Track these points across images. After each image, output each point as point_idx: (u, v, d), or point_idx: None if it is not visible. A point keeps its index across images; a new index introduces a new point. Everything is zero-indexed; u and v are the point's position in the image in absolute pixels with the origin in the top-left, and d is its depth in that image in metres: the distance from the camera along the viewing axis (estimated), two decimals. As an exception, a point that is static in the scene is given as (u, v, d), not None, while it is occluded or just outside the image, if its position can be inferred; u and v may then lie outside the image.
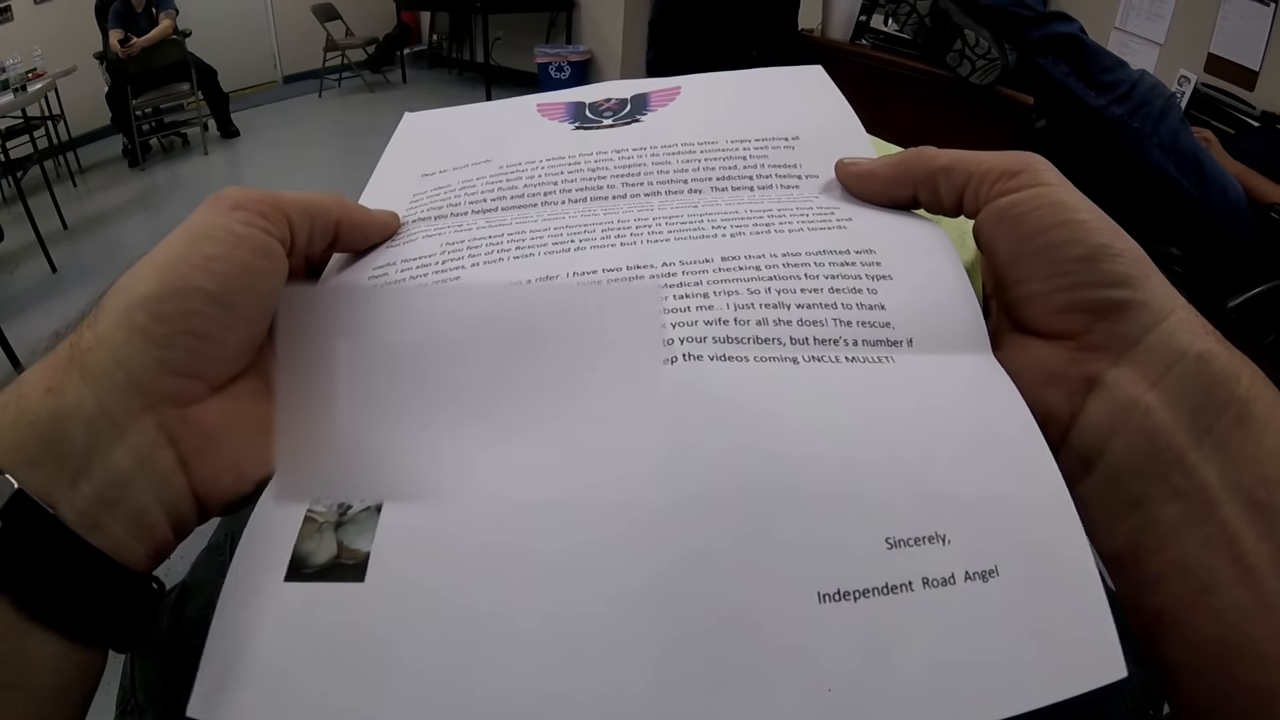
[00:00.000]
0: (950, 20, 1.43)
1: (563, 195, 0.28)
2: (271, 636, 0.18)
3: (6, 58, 3.07)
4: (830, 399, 0.20)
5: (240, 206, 0.22)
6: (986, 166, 0.23)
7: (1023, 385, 0.21)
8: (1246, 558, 0.17)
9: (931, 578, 0.17)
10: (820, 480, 0.18)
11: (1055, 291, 0.21)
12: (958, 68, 1.45)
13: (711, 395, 0.20)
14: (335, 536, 0.19)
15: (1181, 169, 1.33)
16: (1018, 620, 0.17)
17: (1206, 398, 0.19)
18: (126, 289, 0.20)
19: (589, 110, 0.33)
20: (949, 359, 0.21)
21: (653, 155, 0.29)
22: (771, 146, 0.29)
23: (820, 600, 0.17)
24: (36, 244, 2.61)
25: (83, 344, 0.19)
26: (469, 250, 0.25)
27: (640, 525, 0.18)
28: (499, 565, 0.18)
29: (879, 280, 0.22)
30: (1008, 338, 0.23)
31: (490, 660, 0.17)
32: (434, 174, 0.31)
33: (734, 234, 0.24)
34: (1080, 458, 0.20)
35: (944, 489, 0.18)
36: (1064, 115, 1.44)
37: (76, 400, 0.18)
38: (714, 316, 0.21)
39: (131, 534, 0.19)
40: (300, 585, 0.19)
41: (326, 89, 4.88)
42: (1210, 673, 0.18)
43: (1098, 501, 0.20)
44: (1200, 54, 2.03)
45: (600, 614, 0.17)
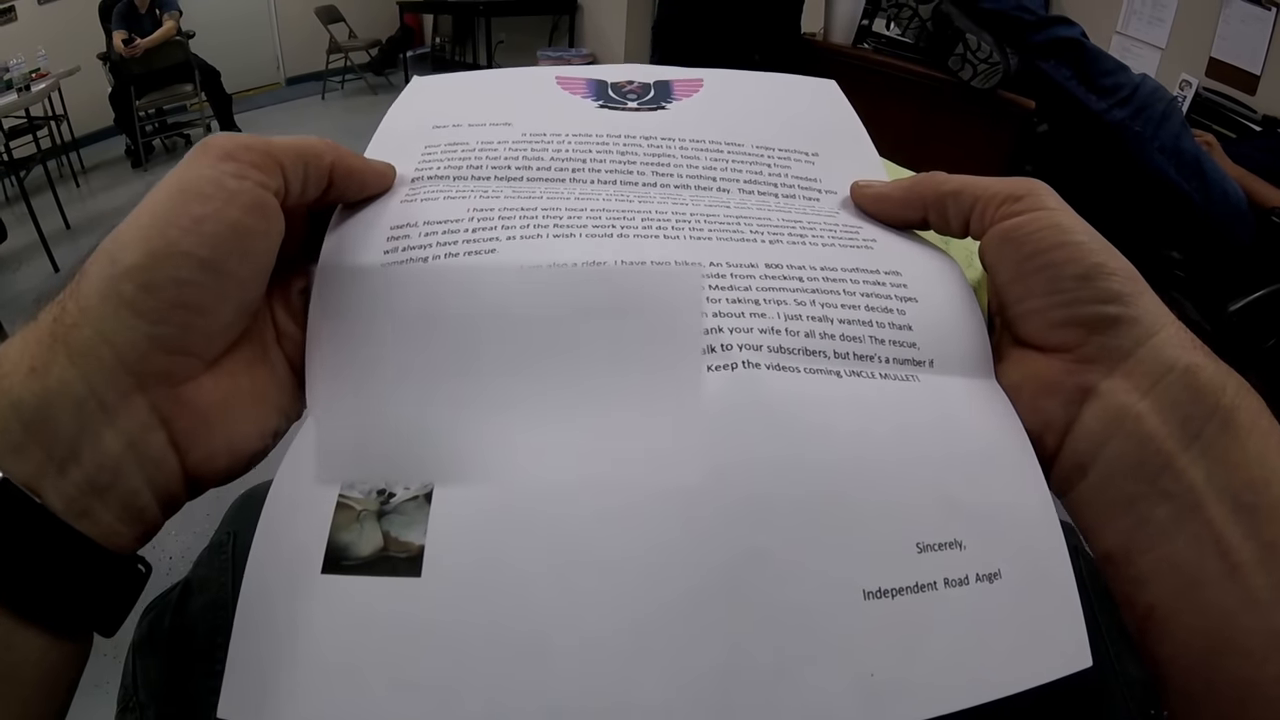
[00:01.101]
0: (952, 24, 1.43)
1: (591, 175, 0.27)
2: (315, 632, 0.18)
3: (10, 58, 3.08)
4: (869, 413, 0.21)
5: (230, 157, 0.20)
6: (991, 192, 0.24)
7: (1023, 395, 0.23)
8: (1232, 555, 0.18)
9: (951, 578, 0.19)
10: (863, 488, 0.20)
11: (1053, 307, 0.22)
12: (959, 71, 1.46)
13: (769, 404, 0.20)
14: (380, 527, 0.19)
15: (1183, 173, 1.33)
16: (1014, 616, 0.19)
17: (1194, 406, 0.20)
18: (112, 255, 0.19)
19: (612, 90, 0.32)
20: (961, 381, 0.23)
21: (681, 148, 0.29)
22: (794, 159, 0.30)
23: (865, 597, 0.19)
24: (39, 244, 2.61)
25: (67, 318, 0.18)
26: (502, 220, 0.24)
27: (701, 523, 0.19)
28: (564, 562, 0.18)
29: (906, 302, 0.24)
30: (1010, 351, 0.24)
31: (564, 660, 0.17)
32: (447, 126, 0.29)
33: (772, 240, 0.25)
34: (1076, 462, 0.21)
35: (960, 500, 0.20)
36: (1065, 119, 1.44)
37: (62, 381, 0.17)
38: (767, 325, 0.22)
39: (121, 519, 0.18)
40: (343, 579, 0.18)
41: (329, 91, 4.89)
42: (1199, 667, 0.19)
43: (1092, 503, 0.21)
44: (1202, 58, 2.03)
45: (669, 609, 0.18)
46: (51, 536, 0.17)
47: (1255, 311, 1.32)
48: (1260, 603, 0.18)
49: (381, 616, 0.18)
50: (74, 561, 0.17)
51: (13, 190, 2.93)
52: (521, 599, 0.18)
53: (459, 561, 0.19)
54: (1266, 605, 0.18)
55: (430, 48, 5.55)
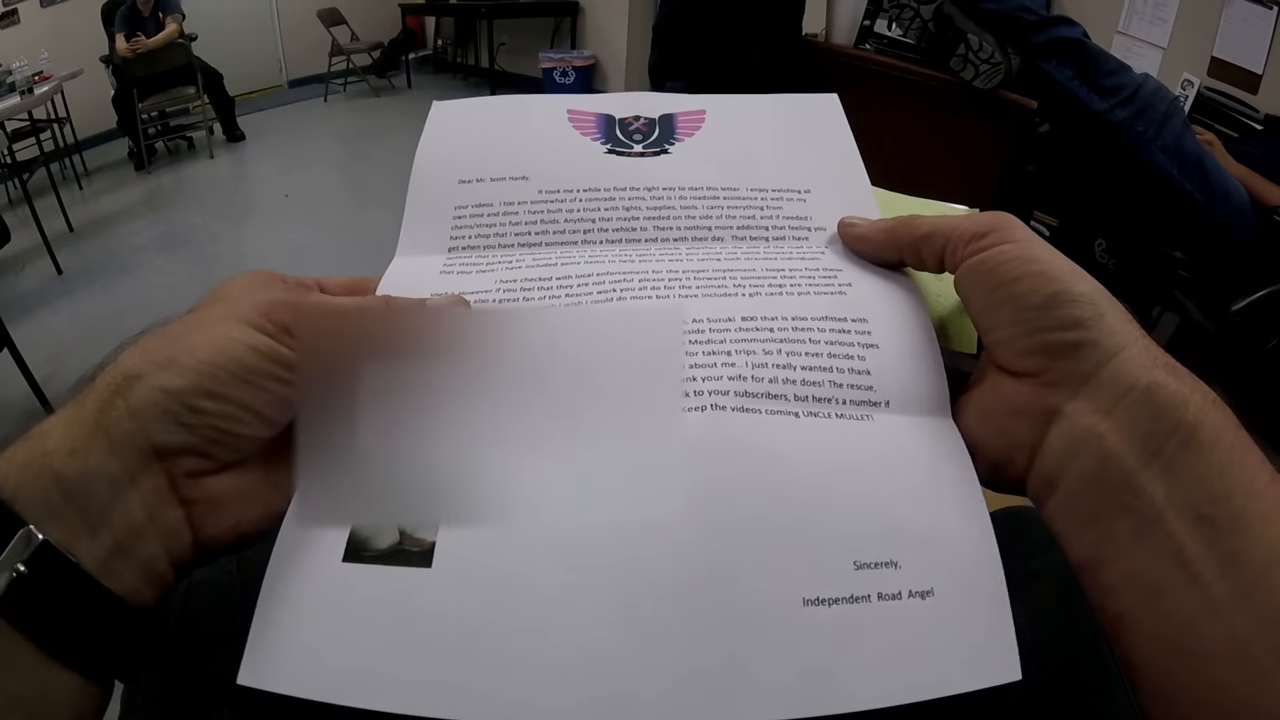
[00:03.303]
0: (954, 25, 1.43)
1: (600, 235, 0.32)
2: (333, 610, 0.21)
3: (13, 61, 3.08)
4: (822, 449, 0.24)
5: (285, 330, 0.23)
6: (959, 231, 0.26)
7: (996, 417, 0.25)
8: (1193, 565, 0.19)
9: (885, 593, 0.22)
10: (811, 513, 0.23)
11: (1019, 336, 0.24)
12: (961, 72, 1.46)
13: (732, 440, 0.24)
14: (396, 525, 0.22)
15: (1185, 172, 1.33)
16: (944, 630, 0.21)
17: (1154, 424, 0.21)
18: (165, 373, 0.21)
19: (619, 130, 0.36)
20: (916, 420, 0.25)
21: (680, 198, 0.33)
22: (786, 199, 0.33)
23: (803, 604, 0.21)
24: (42, 246, 2.62)
25: (113, 411, 0.20)
26: (522, 290, 0.29)
27: (673, 538, 0.22)
28: (555, 565, 0.22)
29: (868, 349, 0.27)
30: (989, 375, 0.26)
31: (558, 638, 0.21)
32: (471, 182, 0.33)
33: (752, 294, 0.28)
34: (1045, 480, 0.23)
35: (901, 526, 0.23)
36: (1067, 119, 1.44)
37: (101, 462, 0.20)
38: (735, 373, 0.25)
39: (142, 580, 0.21)
40: (362, 567, 0.22)
41: (332, 93, 4.90)
42: (1165, 671, 0.19)
43: (1061, 517, 0.22)
44: (1203, 57, 2.03)
45: (648, 605, 0.21)
46: (85, 592, 0.19)
47: (1258, 311, 1.32)
48: (1221, 611, 0.19)
49: (395, 600, 0.21)
50: (103, 614, 0.19)
51: (16, 192, 2.94)
52: (518, 591, 0.21)
53: (465, 557, 0.22)
54: (1227, 613, 0.18)
55: (432, 50, 5.56)
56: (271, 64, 5.05)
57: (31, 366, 1.82)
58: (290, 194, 3.28)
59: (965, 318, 0.28)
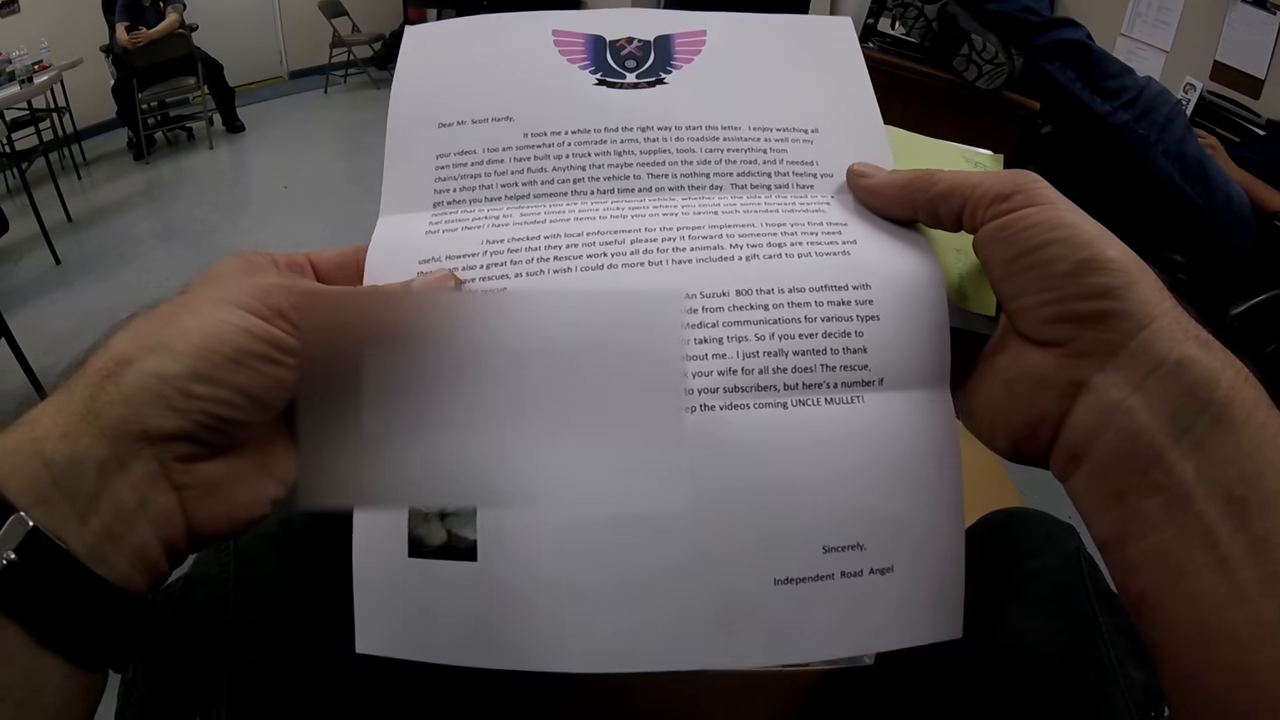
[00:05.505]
0: (957, 25, 1.43)
1: (591, 184, 0.29)
2: (412, 595, 0.25)
3: (12, 49, 3.07)
4: (806, 445, 0.25)
5: (280, 314, 0.22)
6: (981, 191, 0.24)
7: (1020, 388, 0.24)
8: (1221, 548, 0.19)
9: (848, 571, 0.25)
10: (788, 503, 0.25)
11: (1044, 304, 0.23)
12: (964, 72, 1.45)
13: (720, 440, 0.25)
14: (443, 526, 0.25)
15: (1186, 176, 1.33)
16: (898, 598, 0.25)
17: (1185, 400, 0.20)
18: (158, 357, 0.21)
19: (610, 55, 0.32)
20: (909, 394, 0.26)
21: (677, 140, 0.30)
22: (791, 140, 0.30)
23: (775, 583, 0.25)
24: (41, 236, 2.61)
25: (104, 396, 0.20)
26: (510, 253, 0.27)
27: (669, 527, 0.25)
28: (578, 547, 0.25)
29: (867, 321, 0.26)
30: (1010, 343, 0.24)
31: (574, 618, 0.25)
32: (452, 125, 0.31)
33: (749, 257, 0.27)
34: (1071, 454, 0.22)
35: (872, 510, 0.25)
36: (1070, 121, 1.44)
37: (90, 447, 0.20)
38: (725, 365, 0.25)
39: (133, 566, 0.20)
40: (423, 561, 0.25)
41: (332, 85, 4.88)
42: (1188, 653, 0.19)
43: (1086, 493, 0.22)
44: (1206, 62, 2.03)
45: (652, 585, 0.25)
46: (74, 578, 0.19)
47: (1257, 316, 1.32)
48: (1248, 595, 0.18)
49: (454, 586, 0.25)
50: (92, 600, 0.19)
51: (14, 182, 2.92)
52: (543, 578, 0.25)
53: (503, 551, 0.25)
54: (1254, 598, 0.18)
55: (433, 43, 5.53)
56: (272, 55, 5.03)
57: (29, 356, 1.81)
58: (290, 185, 3.27)
59: (985, 278, 0.26)
